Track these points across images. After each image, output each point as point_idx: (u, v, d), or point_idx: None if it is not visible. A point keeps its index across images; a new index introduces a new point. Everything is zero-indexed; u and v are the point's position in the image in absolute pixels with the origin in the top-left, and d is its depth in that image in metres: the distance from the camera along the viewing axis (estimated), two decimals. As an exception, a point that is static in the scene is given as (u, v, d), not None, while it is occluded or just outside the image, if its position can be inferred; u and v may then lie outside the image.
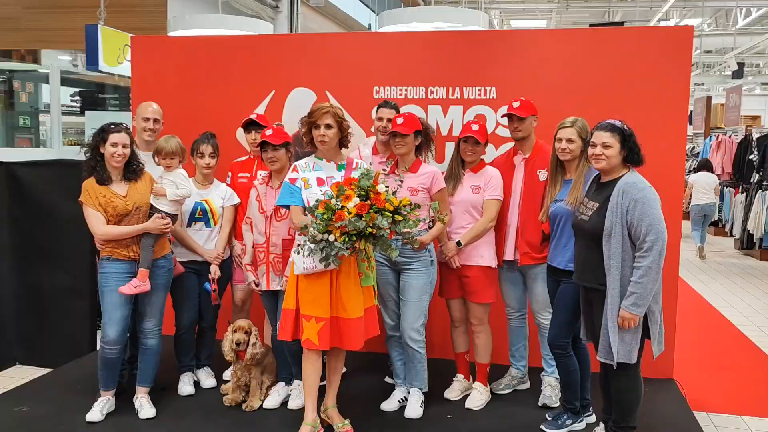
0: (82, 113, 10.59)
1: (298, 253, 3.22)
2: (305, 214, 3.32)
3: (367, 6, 17.75)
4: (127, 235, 3.48)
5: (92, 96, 11.12)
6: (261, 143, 3.68)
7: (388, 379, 4.15)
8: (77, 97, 10.85)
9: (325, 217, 3.09)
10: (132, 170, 3.57)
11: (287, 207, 3.47)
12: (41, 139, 10.34)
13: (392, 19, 7.34)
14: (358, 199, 3.10)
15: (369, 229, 3.04)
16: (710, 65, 22.10)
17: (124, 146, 3.47)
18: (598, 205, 3.13)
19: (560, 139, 3.47)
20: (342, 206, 3.09)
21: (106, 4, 8.03)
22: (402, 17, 7.32)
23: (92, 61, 7.09)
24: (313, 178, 3.43)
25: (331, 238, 3.07)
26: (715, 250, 10.71)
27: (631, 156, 3.11)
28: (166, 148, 3.71)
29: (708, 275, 8.72)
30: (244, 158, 4.28)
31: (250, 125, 4.08)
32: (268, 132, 3.66)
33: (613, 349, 3.05)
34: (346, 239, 3.07)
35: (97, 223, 3.45)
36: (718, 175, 11.37)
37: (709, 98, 13.71)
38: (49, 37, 10.19)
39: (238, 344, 3.72)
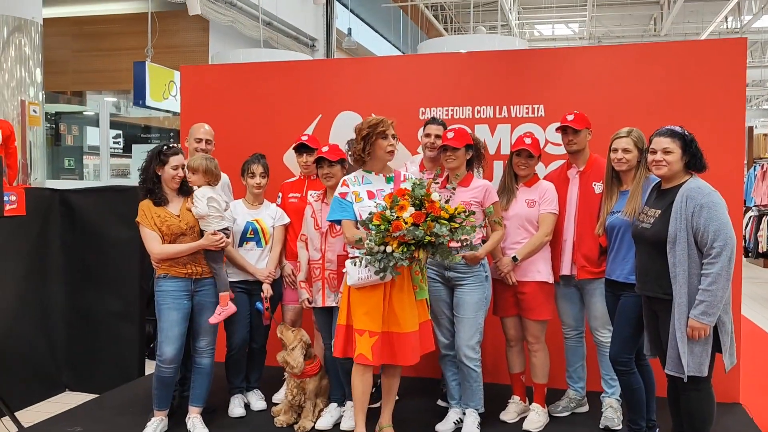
0: (124, 153, 10.87)
1: (355, 265, 3.19)
2: (357, 228, 3.30)
3: (398, 48, 18.07)
4: (183, 253, 3.49)
5: (135, 136, 11.43)
6: (317, 159, 3.70)
7: (440, 402, 4.04)
8: (120, 139, 11.16)
9: (381, 228, 3.06)
10: (185, 190, 3.62)
11: (339, 222, 3.46)
12: (85, 180, 10.62)
13: (430, 49, 7.43)
14: (413, 208, 3.07)
15: (427, 238, 3.00)
16: (746, 99, 21.85)
17: (182, 167, 3.55)
18: (660, 212, 3.03)
19: (616, 150, 3.40)
20: (398, 216, 3.06)
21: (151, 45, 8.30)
22: (441, 48, 7.40)
23: (140, 97, 7.29)
24: (364, 192, 3.41)
25: (389, 249, 3.04)
26: (763, 281, 10.37)
27: (694, 162, 3.02)
28: (189, 163, 3.63)
29: (761, 305, 8.43)
30: (294, 179, 4.30)
31: (301, 148, 4.11)
32: (325, 149, 3.69)
33: (683, 361, 2.91)
34: (404, 249, 3.03)
35: (154, 243, 3.48)
36: (764, 206, 11.08)
37: (751, 128, 13.47)
38: (95, 79, 10.55)
39: (282, 338, 3.74)
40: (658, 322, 3.08)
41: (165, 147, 3.57)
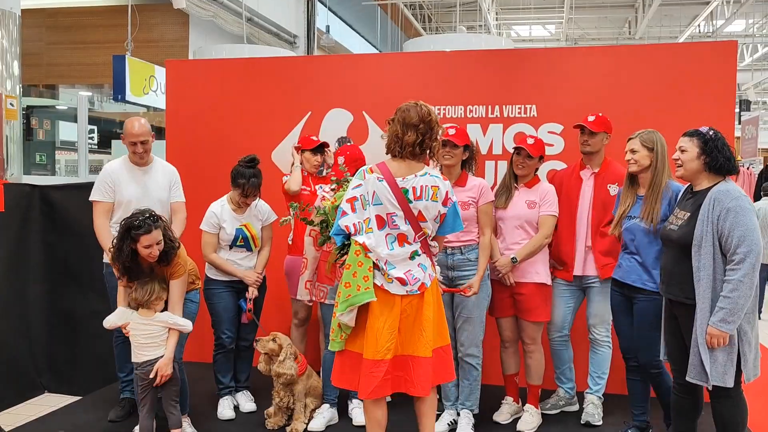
0: (99, 148, 10.64)
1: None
2: None
3: (375, 47, 18.02)
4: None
5: (110, 132, 11.19)
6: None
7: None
8: (94, 134, 10.93)
9: None
10: (167, 258, 3.34)
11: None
12: (57, 175, 10.37)
13: (416, 48, 7.39)
14: None
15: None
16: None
17: (158, 243, 3.24)
18: (688, 214, 2.95)
19: (626, 151, 3.36)
20: None
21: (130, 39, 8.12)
22: (427, 47, 7.37)
23: (119, 91, 7.11)
24: None
25: None
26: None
27: (714, 163, 2.92)
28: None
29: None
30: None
31: (318, 148, 4.10)
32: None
33: (706, 369, 2.81)
34: None
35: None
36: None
37: (723, 131, 13.72)
38: (69, 72, 10.31)
39: (265, 353, 3.64)
40: (679, 326, 3.01)
41: (135, 223, 3.20)
